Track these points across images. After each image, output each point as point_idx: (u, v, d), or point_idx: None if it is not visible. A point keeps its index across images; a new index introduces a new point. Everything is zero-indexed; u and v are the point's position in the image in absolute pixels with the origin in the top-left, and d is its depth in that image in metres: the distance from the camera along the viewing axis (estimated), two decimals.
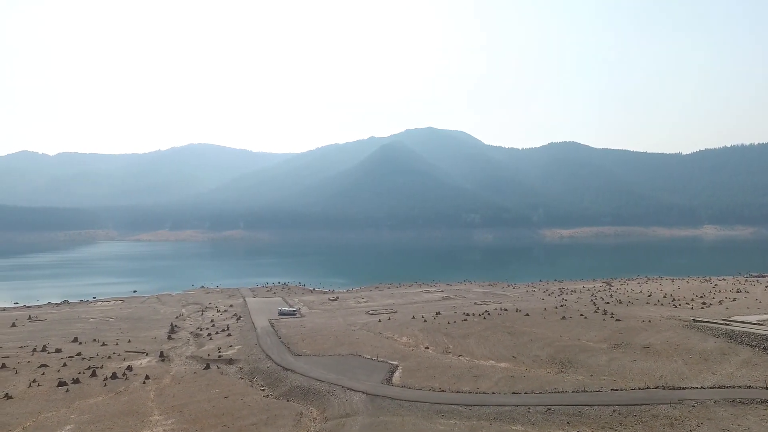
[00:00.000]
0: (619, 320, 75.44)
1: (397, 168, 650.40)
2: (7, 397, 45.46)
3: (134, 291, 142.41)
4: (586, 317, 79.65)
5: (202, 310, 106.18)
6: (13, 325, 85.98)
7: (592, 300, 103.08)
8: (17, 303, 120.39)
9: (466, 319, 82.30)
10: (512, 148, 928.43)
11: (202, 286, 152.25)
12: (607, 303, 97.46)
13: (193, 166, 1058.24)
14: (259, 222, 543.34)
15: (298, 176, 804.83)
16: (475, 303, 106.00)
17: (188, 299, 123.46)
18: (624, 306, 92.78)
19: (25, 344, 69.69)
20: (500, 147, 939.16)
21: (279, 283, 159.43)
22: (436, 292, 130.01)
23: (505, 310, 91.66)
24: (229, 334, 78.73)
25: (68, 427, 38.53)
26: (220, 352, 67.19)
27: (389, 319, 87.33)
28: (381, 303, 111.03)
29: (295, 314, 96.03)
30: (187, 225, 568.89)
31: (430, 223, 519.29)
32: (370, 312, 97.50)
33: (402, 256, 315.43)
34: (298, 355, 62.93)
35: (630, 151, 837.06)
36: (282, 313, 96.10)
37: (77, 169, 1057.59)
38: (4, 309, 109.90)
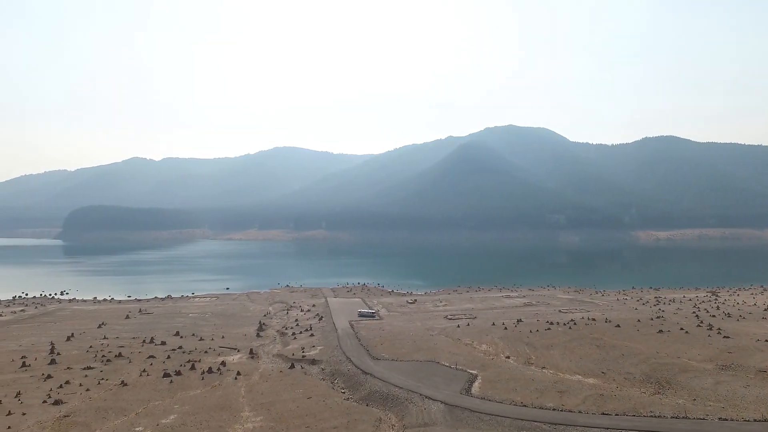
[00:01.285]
0: (728, 337, 68.03)
1: (477, 167, 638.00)
2: (123, 384, 50.91)
3: (227, 288, 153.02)
4: (687, 332, 72.77)
5: (287, 309, 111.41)
6: (127, 317, 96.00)
7: (694, 312, 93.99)
8: (130, 296, 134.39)
9: (549, 328, 78.77)
10: (601, 144, 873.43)
11: (287, 285, 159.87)
12: (713, 316, 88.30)
13: (279, 168, 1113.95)
14: (339, 222, 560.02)
15: (377, 177, 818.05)
16: (559, 311, 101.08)
17: (275, 298, 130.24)
18: (734, 321, 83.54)
19: (136, 335, 77.52)
20: (587, 143, 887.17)
21: (358, 283, 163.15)
22: (517, 297, 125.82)
23: (593, 319, 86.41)
24: (312, 335, 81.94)
25: (172, 417, 42.35)
26: (303, 351, 70.18)
27: (468, 324, 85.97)
28: (460, 307, 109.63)
29: (374, 316, 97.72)
30: (273, 225, 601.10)
31: (512, 224, 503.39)
32: (449, 317, 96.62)
33: (481, 259, 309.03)
34: (377, 359, 63.96)
35: (739, 144, 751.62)
36: (361, 315, 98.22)
37: (179, 173, 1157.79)
38: (120, 301, 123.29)
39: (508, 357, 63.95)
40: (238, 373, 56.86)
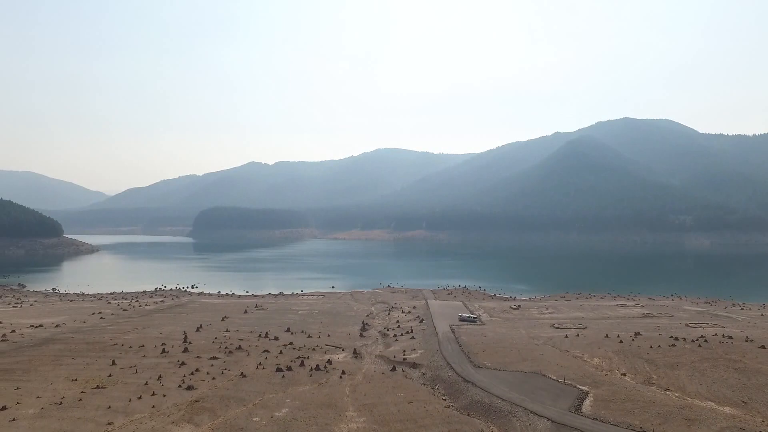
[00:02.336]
0: None
1: (587, 164, 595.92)
2: (243, 375, 55.75)
3: (332, 287, 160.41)
4: None
5: (389, 310, 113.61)
6: (245, 311, 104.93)
7: None
8: (248, 292, 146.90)
9: (674, 345, 70.89)
10: (739, 135, 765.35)
11: (389, 286, 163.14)
12: None
13: (381, 169, 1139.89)
14: (440, 222, 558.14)
15: (478, 176, 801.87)
16: (686, 324, 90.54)
17: (377, 298, 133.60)
18: None
19: (253, 329, 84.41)
20: (721, 135, 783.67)
21: (459, 286, 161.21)
22: (634, 307, 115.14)
23: (730, 337, 76.00)
24: (412, 337, 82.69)
25: (284, 410, 45.47)
26: (404, 354, 71.10)
27: (577, 335, 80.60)
28: (568, 315, 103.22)
29: (475, 321, 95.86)
30: (375, 225, 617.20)
31: (628, 226, 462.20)
32: (556, 325, 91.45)
33: (593, 263, 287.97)
34: (479, 366, 62.61)
35: None
36: (462, 319, 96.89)
37: (289, 176, 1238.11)
38: (239, 296, 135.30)
39: (624, 374, 58.75)
40: (343, 372, 59.22)
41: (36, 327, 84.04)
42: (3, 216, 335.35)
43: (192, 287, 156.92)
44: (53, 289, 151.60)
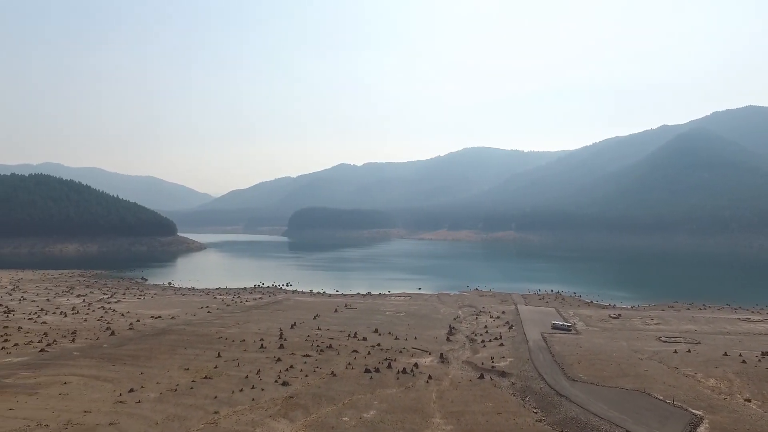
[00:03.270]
0: None
1: (700, 160, 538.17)
2: (333, 374, 57.89)
3: (419, 288, 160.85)
4: None
5: (476, 314, 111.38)
6: (336, 310, 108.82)
7: None
8: (337, 291, 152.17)
9: None
10: None
11: (476, 288, 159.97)
12: None
13: (469, 169, 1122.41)
14: (530, 223, 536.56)
15: (572, 175, 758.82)
16: None
17: (464, 301, 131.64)
18: None
19: (343, 329, 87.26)
20: None
21: (551, 291, 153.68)
22: (761, 321, 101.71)
23: None
24: (501, 344, 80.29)
25: (372, 412, 46.48)
26: (493, 362, 69.24)
27: (689, 351, 72.97)
28: (677, 328, 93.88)
29: (569, 330, 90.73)
30: (462, 225, 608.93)
31: (751, 228, 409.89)
32: (663, 339, 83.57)
33: (707, 269, 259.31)
34: (573, 380, 59.13)
35: None
36: (555, 327, 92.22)
37: (377, 177, 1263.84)
38: (330, 295, 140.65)
39: (749, 400, 52.09)
40: (430, 377, 59.12)
41: (155, 318, 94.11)
42: (130, 216, 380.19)
43: (287, 285, 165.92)
44: (169, 283, 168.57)
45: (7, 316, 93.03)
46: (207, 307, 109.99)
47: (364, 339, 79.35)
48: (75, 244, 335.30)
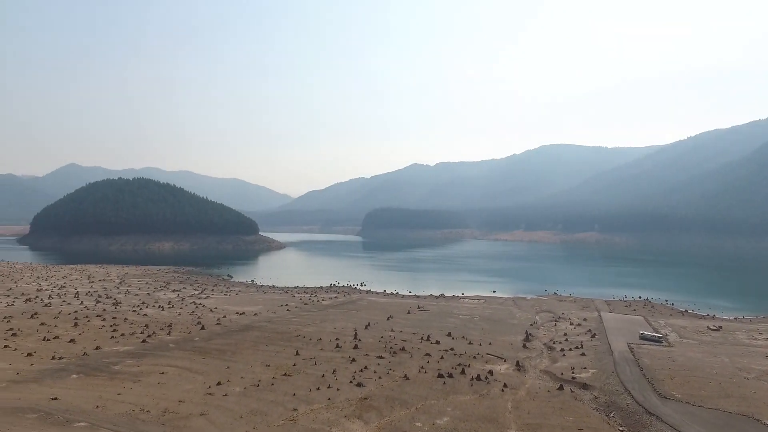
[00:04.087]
0: None
1: None
2: (406, 377, 58.15)
3: (494, 291, 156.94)
4: None
5: (555, 320, 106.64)
6: (408, 312, 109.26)
7: None
8: (410, 292, 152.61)
9: None
10: None
11: (555, 293, 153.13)
12: None
13: (546, 167, 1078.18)
14: (615, 224, 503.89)
15: (663, 172, 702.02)
16: None
17: (541, 306, 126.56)
18: None
19: (415, 331, 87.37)
20: None
21: (639, 298, 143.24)
22: None
23: None
24: (582, 354, 76.16)
25: (445, 419, 46.09)
26: (573, 372, 65.87)
27: None
28: None
29: (660, 341, 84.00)
30: (540, 226, 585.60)
31: None
32: None
33: None
34: (666, 397, 54.62)
35: None
36: (644, 338, 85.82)
37: (450, 176, 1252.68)
38: (402, 296, 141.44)
39: None
40: (505, 386, 57.49)
41: (240, 314, 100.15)
42: (217, 217, 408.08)
43: (361, 284, 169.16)
44: (252, 280, 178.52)
45: (116, 308, 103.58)
46: (286, 305, 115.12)
47: (437, 342, 78.87)
48: (170, 242, 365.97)
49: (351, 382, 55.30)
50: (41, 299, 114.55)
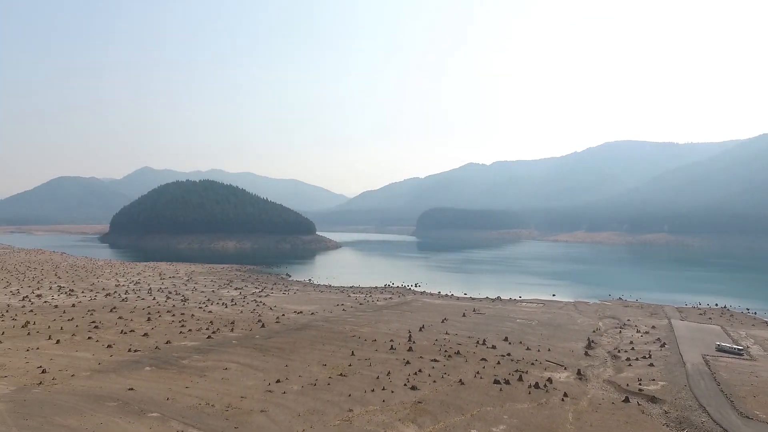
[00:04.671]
0: None
1: None
2: (461, 382, 57.43)
3: (553, 295, 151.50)
4: None
5: (620, 327, 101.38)
6: (464, 315, 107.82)
7: None
8: (465, 294, 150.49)
9: None
10: None
11: (620, 298, 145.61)
12: None
13: (610, 165, 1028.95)
14: (687, 225, 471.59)
15: (743, 169, 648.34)
16: None
17: (605, 311, 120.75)
18: None
19: (471, 335, 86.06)
20: None
21: (716, 305, 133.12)
22: None
23: None
24: (651, 364, 71.82)
25: (501, 427, 45.05)
26: (640, 384, 62.24)
27: None
28: None
29: (741, 354, 77.59)
30: (603, 227, 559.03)
31: None
32: None
33: None
34: (747, 417, 50.33)
35: None
36: (721, 350, 79.62)
37: (507, 176, 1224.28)
38: (458, 298, 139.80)
39: None
40: (565, 395, 55.35)
41: (298, 313, 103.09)
42: (276, 217, 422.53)
43: (415, 285, 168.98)
44: (309, 279, 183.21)
45: (184, 305, 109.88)
46: (342, 304, 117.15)
47: (494, 347, 77.25)
48: (233, 242, 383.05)
49: (405, 384, 55.35)
50: (119, 294, 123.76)
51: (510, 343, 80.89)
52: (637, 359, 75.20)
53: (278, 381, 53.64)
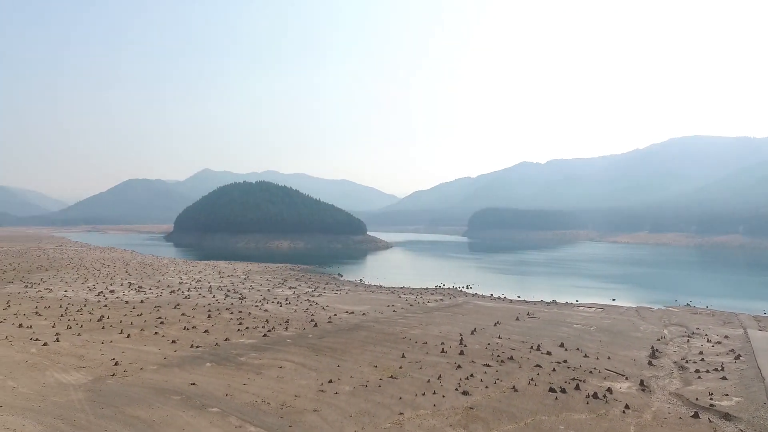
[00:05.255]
0: None
1: None
2: (514, 389, 56.03)
3: (613, 299, 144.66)
4: None
5: (688, 336, 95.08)
6: (517, 318, 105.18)
7: None
8: (519, 297, 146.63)
9: None
10: None
11: (687, 304, 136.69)
12: None
13: (676, 162, 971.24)
14: (765, 227, 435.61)
15: None
16: None
17: (671, 318, 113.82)
18: None
19: (524, 339, 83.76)
20: None
21: None
22: None
23: None
24: (723, 377, 66.86)
25: None
26: (711, 398, 58.08)
27: None
28: None
29: None
30: (668, 228, 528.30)
31: None
32: None
33: None
34: None
35: None
36: None
37: (563, 174, 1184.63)
38: (510, 301, 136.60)
39: None
40: (627, 407, 52.66)
41: (349, 313, 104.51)
42: (328, 217, 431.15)
43: (467, 287, 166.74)
44: (360, 279, 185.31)
45: (241, 303, 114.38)
46: (393, 305, 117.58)
47: (549, 353, 74.77)
48: (287, 241, 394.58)
49: (457, 389, 54.74)
50: (182, 291, 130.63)
51: (566, 350, 77.99)
52: (707, 371, 70.22)
53: (330, 381, 54.63)
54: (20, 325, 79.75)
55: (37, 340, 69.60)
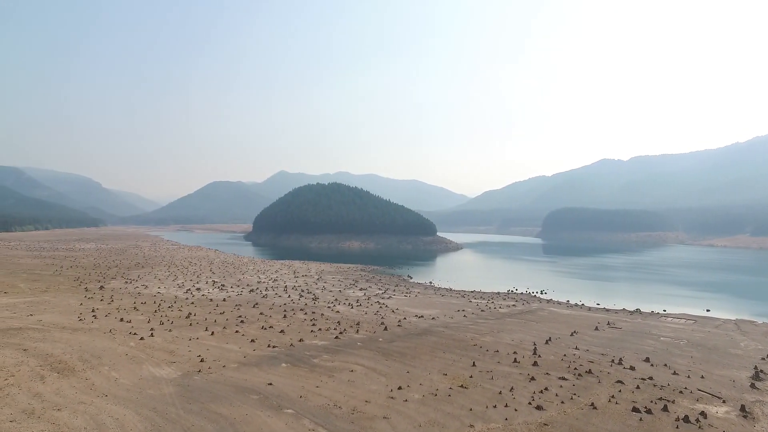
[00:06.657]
0: None
1: None
2: (593, 406, 52.98)
3: (707, 310, 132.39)
4: None
5: None
6: (596, 328, 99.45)
7: None
8: (598, 304, 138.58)
9: None
10: None
11: None
12: None
13: None
14: None
15: None
16: None
17: None
18: None
19: (605, 352, 78.97)
20: None
21: None
22: None
23: None
24: None
25: None
26: None
27: None
28: None
29: None
30: None
31: None
32: None
33: None
34: None
35: None
36: None
37: (648, 172, 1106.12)
38: (589, 309, 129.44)
39: None
40: None
41: (419, 317, 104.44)
42: (398, 218, 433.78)
43: (541, 292, 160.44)
44: (430, 282, 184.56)
45: (314, 303, 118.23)
46: (463, 310, 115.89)
47: (632, 368, 69.91)
48: (358, 242, 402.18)
49: (530, 403, 52.82)
50: (260, 290, 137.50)
51: (652, 365, 72.51)
52: None
53: (400, 387, 54.89)
54: (121, 320, 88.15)
55: (135, 334, 76.58)
